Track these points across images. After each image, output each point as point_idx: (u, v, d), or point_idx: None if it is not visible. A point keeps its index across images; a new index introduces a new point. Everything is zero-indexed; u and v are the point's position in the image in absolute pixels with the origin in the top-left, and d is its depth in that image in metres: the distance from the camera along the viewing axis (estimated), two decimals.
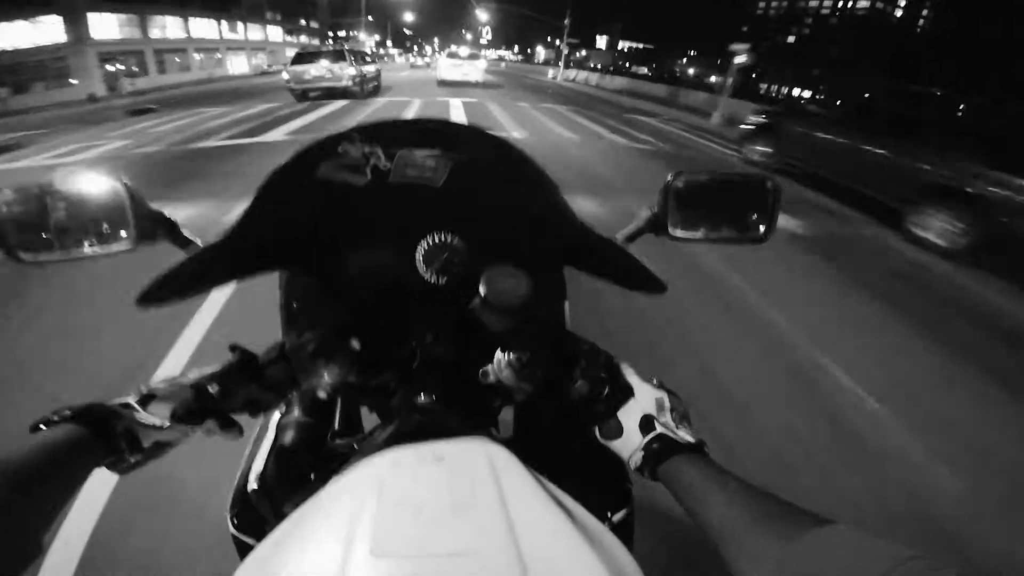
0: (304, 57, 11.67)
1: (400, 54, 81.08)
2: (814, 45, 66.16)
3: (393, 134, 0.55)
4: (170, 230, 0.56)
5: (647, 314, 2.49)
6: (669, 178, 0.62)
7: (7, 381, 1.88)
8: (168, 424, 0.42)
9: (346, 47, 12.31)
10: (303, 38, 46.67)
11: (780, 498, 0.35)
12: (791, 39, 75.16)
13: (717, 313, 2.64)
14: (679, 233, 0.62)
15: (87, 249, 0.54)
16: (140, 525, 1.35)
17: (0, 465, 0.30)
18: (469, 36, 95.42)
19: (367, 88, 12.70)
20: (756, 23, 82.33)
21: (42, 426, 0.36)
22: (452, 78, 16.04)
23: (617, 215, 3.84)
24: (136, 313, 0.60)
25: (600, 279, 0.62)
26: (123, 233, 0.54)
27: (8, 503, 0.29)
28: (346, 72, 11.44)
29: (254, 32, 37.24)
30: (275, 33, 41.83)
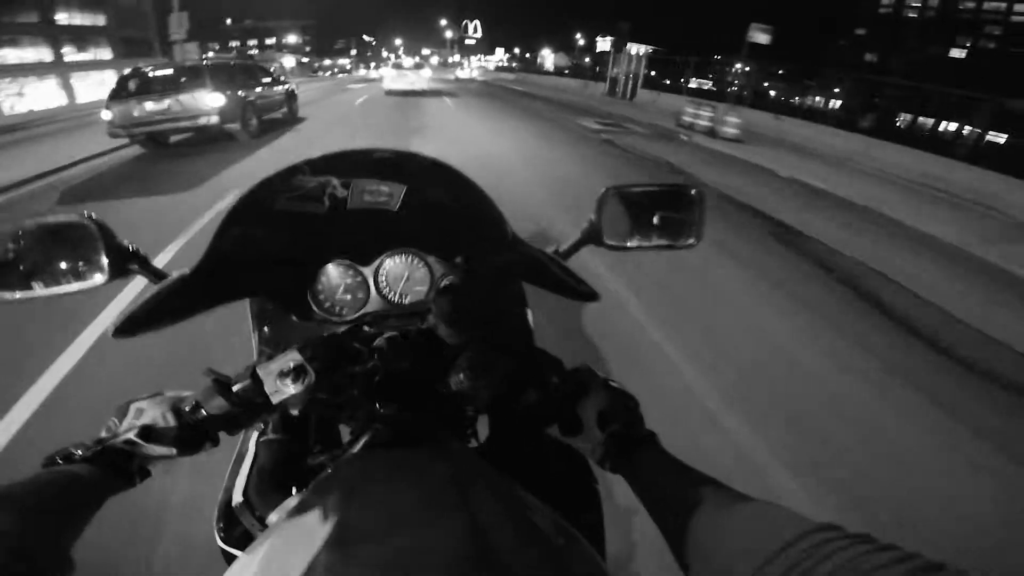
0: (134, 82, 6.72)
1: (350, 64, 66.94)
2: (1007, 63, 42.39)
3: (344, 164, 0.58)
4: (142, 264, 0.58)
5: None
6: (602, 192, 0.63)
7: None
8: (175, 454, 0.47)
9: (207, 60, 7.91)
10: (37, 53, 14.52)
11: (719, 482, 0.39)
12: (957, 53, 51.60)
13: None
14: (615, 243, 0.65)
15: (63, 286, 0.55)
16: None
17: (17, 498, 0.34)
18: (449, 34, 71.09)
19: (255, 122, 7.87)
20: (879, 24, 59.74)
21: (57, 462, 0.40)
22: (398, 87, 15.84)
23: None
24: None
25: (540, 288, 0.63)
26: (97, 268, 0.55)
27: (24, 531, 0.32)
28: (207, 102, 6.83)
29: None
30: None
